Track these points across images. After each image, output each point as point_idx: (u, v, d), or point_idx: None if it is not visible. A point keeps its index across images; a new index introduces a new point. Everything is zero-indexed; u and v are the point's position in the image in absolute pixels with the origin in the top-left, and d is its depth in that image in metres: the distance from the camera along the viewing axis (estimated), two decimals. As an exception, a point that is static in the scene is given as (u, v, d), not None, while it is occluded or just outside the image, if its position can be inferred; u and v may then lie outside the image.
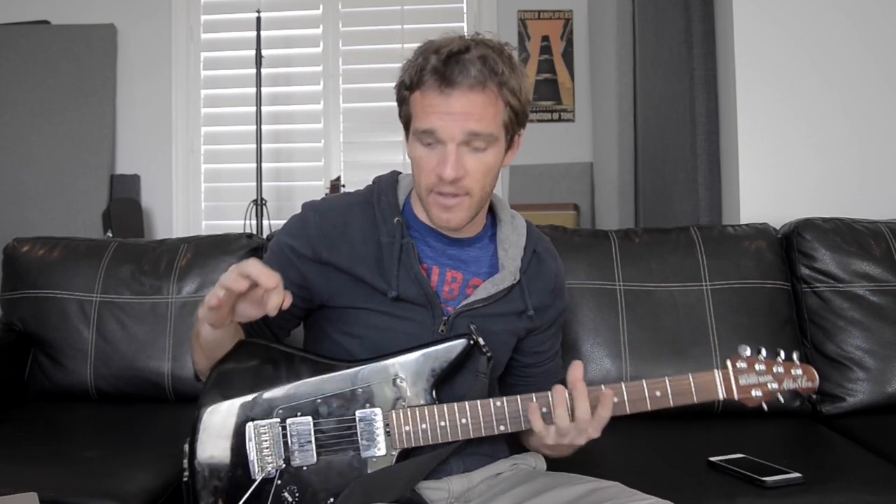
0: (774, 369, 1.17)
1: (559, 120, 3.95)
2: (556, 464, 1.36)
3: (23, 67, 3.81)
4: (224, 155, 4.03)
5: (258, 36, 3.72)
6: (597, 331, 1.83)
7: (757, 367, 1.17)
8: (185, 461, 1.19)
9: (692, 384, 1.16)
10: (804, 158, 2.21)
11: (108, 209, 3.64)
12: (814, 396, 1.85)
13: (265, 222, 3.63)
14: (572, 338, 1.82)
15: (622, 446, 1.68)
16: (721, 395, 1.16)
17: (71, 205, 3.71)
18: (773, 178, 2.21)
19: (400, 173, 1.31)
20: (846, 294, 1.88)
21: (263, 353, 1.23)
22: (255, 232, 3.55)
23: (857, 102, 2.22)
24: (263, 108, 3.73)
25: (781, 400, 1.18)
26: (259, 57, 3.70)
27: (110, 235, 3.48)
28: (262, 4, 3.83)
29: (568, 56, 3.96)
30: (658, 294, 1.86)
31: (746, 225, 1.99)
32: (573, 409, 1.12)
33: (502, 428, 1.14)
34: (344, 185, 3.40)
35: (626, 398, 1.14)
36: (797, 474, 1.38)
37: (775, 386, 1.17)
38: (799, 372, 1.18)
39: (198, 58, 4.01)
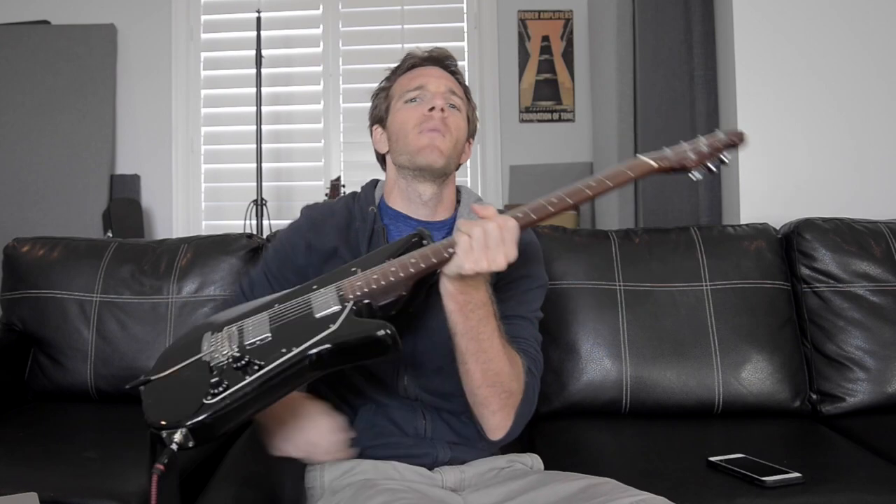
0: (700, 139, 1.20)
1: (559, 120, 3.94)
2: (555, 464, 1.36)
3: (23, 67, 3.80)
4: (224, 155, 4.03)
5: (258, 36, 3.72)
6: (597, 331, 1.83)
7: (683, 146, 1.20)
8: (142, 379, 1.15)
9: (622, 167, 1.18)
10: (804, 158, 2.22)
11: (108, 209, 3.64)
12: (813, 397, 1.85)
13: (265, 222, 3.63)
14: (572, 338, 1.82)
15: (622, 446, 1.69)
16: (654, 164, 1.18)
17: (71, 205, 3.71)
18: (773, 178, 2.21)
19: (379, 180, 1.48)
20: (846, 294, 1.88)
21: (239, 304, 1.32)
22: (255, 232, 3.55)
23: (857, 103, 2.22)
24: (263, 108, 3.73)
25: (726, 159, 1.20)
26: (259, 57, 3.70)
27: (110, 235, 3.48)
28: (262, 4, 3.83)
29: (568, 56, 3.96)
30: (658, 294, 1.86)
31: (746, 225, 1.99)
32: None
33: (451, 250, 1.12)
34: (344, 186, 3.39)
35: (563, 195, 1.14)
36: (797, 474, 1.38)
37: (705, 147, 1.19)
38: (722, 134, 1.20)
39: (198, 58, 4.01)
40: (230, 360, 1.07)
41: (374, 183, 1.47)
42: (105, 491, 1.40)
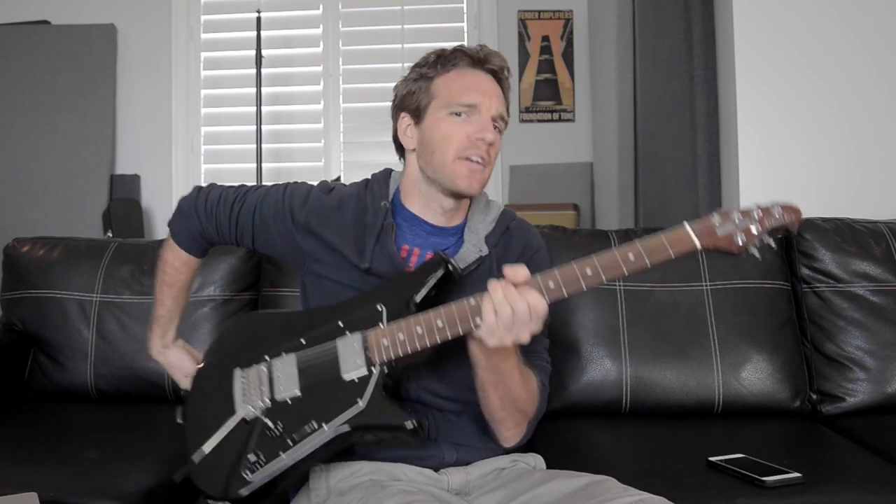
0: (753, 214, 1.09)
1: (559, 120, 3.94)
2: (555, 464, 1.36)
3: (23, 67, 3.80)
4: (224, 155, 4.03)
5: (258, 36, 3.72)
6: (597, 331, 1.83)
7: (734, 217, 1.09)
8: (180, 411, 1.29)
9: (664, 239, 1.09)
10: (804, 159, 2.22)
11: (108, 209, 3.64)
12: (813, 397, 1.85)
13: (265, 222, 3.63)
14: (572, 338, 1.82)
15: (622, 446, 1.69)
16: (698, 244, 1.09)
17: (71, 205, 3.71)
18: (773, 179, 2.21)
19: (392, 170, 1.41)
20: (846, 294, 1.88)
21: (259, 319, 1.39)
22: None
23: (857, 103, 2.22)
24: (263, 108, 3.73)
25: (773, 244, 1.11)
26: (259, 57, 3.70)
27: (110, 235, 3.48)
28: (262, 4, 3.83)
29: (568, 56, 3.96)
30: (658, 294, 1.86)
31: (747, 225, 1.99)
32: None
33: (478, 320, 1.11)
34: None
35: (599, 268, 1.10)
36: (797, 474, 1.38)
37: (758, 227, 1.08)
38: (779, 211, 1.08)
39: (198, 58, 4.01)
40: (265, 427, 1.18)
41: (388, 173, 1.40)
42: (105, 491, 1.40)
